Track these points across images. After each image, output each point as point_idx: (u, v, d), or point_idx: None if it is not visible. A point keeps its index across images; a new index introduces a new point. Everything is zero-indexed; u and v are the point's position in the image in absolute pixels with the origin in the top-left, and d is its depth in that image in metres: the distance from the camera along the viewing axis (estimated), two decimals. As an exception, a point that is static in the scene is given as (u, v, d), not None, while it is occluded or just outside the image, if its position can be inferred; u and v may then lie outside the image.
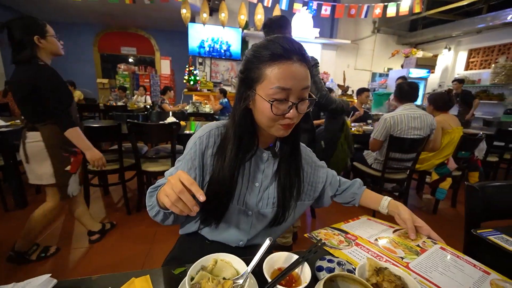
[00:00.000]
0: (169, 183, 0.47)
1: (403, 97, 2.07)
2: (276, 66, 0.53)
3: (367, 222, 0.75)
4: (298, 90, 0.54)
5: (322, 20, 6.24)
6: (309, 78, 0.56)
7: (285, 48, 0.53)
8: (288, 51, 0.53)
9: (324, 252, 0.59)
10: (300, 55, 0.54)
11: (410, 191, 2.89)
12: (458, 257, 0.55)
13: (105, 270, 1.48)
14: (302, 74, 0.54)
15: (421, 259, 0.54)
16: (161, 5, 5.40)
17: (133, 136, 1.94)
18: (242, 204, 0.67)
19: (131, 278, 0.48)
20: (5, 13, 5.79)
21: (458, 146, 2.23)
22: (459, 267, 0.52)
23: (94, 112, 4.93)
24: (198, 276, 0.43)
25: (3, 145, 1.93)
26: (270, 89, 0.53)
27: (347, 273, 0.40)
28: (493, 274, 0.50)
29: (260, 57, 0.55)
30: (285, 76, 0.53)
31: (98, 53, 7.74)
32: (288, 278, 0.48)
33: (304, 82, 0.55)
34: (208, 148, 0.65)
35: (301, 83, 0.54)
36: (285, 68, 0.53)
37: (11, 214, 2.04)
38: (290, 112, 0.55)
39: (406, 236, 0.65)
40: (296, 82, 0.53)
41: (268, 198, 0.69)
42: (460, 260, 0.54)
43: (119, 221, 2.03)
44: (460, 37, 6.27)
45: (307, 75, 0.55)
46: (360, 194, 0.82)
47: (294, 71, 0.53)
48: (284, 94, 0.54)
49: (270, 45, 0.54)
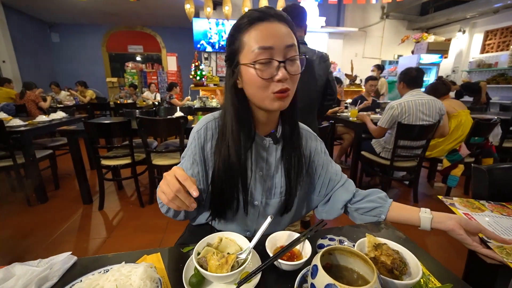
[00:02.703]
0: (165, 180, 0.47)
1: (411, 83, 2.01)
2: (253, 29, 0.51)
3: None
4: (281, 48, 0.51)
5: (328, 9, 6.09)
6: (293, 37, 0.53)
7: (260, 11, 0.52)
8: (264, 12, 0.51)
9: (326, 232, 0.61)
10: (278, 15, 0.52)
11: (421, 179, 2.84)
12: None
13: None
14: (283, 31, 0.51)
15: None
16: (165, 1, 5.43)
17: (142, 131, 1.99)
18: (248, 195, 0.65)
19: (143, 255, 0.52)
20: (17, 16, 5.98)
21: (470, 131, 2.17)
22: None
23: (105, 110, 5.08)
24: (204, 251, 0.46)
25: (23, 143, 2.04)
26: (252, 52, 0.51)
27: (345, 246, 0.42)
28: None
29: (238, 27, 0.53)
30: (263, 36, 0.50)
31: (107, 53, 7.89)
32: (289, 254, 0.51)
33: (287, 39, 0.51)
34: (206, 141, 0.63)
35: (283, 40, 0.51)
36: (263, 28, 0.51)
37: (33, 209, 2.16)
38: (279, 74, 0.51)
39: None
40: (277, 39, 0.50)
41: (275, 187, 0.67)
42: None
43: (133, 214, 2.11)
44: (475, 18, 5.97)
45: (289, 33, 0.52)
46: (389, 204, 0.68)
47: (273, 29, 0.51)
48: (267, 54, 0.50)
49: (246, 14, 0.53)
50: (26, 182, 2.17)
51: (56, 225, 1.90)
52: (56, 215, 2.07)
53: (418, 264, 0.43)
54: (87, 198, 2.22)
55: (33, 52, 6.52)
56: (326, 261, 0.43)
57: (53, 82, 5.08)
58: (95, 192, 2.33)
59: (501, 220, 0.67)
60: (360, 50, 7.05)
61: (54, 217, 2.03)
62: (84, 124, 1.94)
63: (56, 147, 2.75)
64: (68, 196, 2.43)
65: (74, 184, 2.68)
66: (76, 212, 2.11)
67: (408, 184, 2.69)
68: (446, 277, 0.47)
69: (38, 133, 2.43)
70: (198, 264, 0.43)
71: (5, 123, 2.05)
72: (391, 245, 0.48)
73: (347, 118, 2.73)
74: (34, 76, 6.10)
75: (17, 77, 5.72)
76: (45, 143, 2.72)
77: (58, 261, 0.48)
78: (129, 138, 2.05)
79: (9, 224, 1.95)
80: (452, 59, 6.55)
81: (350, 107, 3.08)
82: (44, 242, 1.70)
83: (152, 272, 0.41)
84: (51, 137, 3.17)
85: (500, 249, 0.55)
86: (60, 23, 7.32)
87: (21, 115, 3.48)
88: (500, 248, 0.55)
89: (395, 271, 0.43)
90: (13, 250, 1.63)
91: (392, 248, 0.47)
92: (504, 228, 0.63)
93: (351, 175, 2.72)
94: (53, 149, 2.57)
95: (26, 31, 6.31)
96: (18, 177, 2.16)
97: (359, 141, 2.49)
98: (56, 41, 7.47)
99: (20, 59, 5.86)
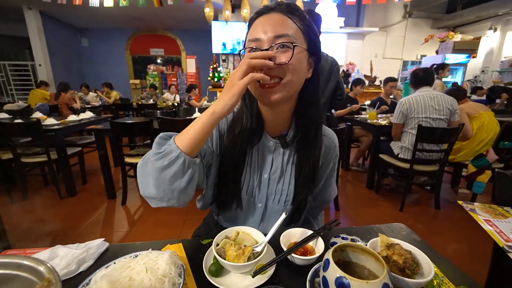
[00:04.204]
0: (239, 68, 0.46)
1: (419, 83, 2.09)
2: (252, 25, 0.53)
3: None
4: (270, 38, 0.49)
5: (347, 9, 5.98)
6: (287, 25, 0.50)
7: (262, 8, 0.53)
8: (264, 8, 0.52)
9: (339, 231, 0.62)
10: (276, 6, 0.52)
11: (444, 185, 2.72)
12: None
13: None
14: (276, 21, 0.50)
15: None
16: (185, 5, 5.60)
17: (164, 130, 2.09)
18: (251, 195, 0.64)
19: (167, 245, 0.57)
20: (51, 23, 6.46)
21: (499, 135, 2.06)
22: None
23: (128, 110, 5.35)
24: (222, 242, 0.50)
25: (57, 141, 2.21)
26: (246, 48, 0.52)
27: (357, 244, 0.44)
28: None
29: (248, 24, 0.55)
30: (254, 29, 0.51)
31: (130, 56, 8.29)
32: (302, 249, 0.53)
33: (278, 29, 0.49)
34: (223, 123, 0.63)
35: (273, 30, 0.49)
36: (258, 22, 0.52)
37: (64, 201, 2.33)
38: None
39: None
40: (266, 29, 0.50)
41: (281, 194, 0.64)
42: None
43: (153, 209, 2.21)
44: (509, 15, 5.58)
45: (282, 22, 0.50)
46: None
47: (264, 21, 0.51)
48: (254, 44, 0.51)
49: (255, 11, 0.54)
50: (58, 177, 2.35)
51: (84, 217, 2.04)
52: (84, 208, 2.22)
53: (431, 265, 0.44)
54: (111, 193, 2.36)
55: (65, 55, 7.01)
56: (338, 257, 0.44)
57: (83, 84, 5.43)
58: (118, 188, 2.47)
59: (525, 227, 0.64)
60: (381, 50, 6.85)
61: (82, 210, 2.18)
62: (110, 123, 2.07)
63: (84, 145, 2.95)
64: (94, 190, 2.59)
65: (99, 179, 2.85)
66: (101, 206, 2.26)
67: (429, 190, 2.59)
68: (461, 280, 0.47)
69: (69, 132, 2.63)
70: (217, 254, 0.46)
71: (41, 122, 2.24)
72: (404, 245, 0.49)
73: (365, 120, 2.68)
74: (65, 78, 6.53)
75: (50, 79, 6.18)
76: (74, 141, 2.93)
77: (94, 245, 0.54)
78: (150, 137, 2.16)
79: (45, 214, 2.12)
80: (481, 58, 6.17)
81: (368, 109, 3.02)
82: (74, 232, 1.84)
83: (176, 258, 0.46)
84: (79, 135, 3.41)
85: None
86: (89, 28, 7.81)
87: (53, 114, 3.76)
88: None
89: (406, 270, 0.44)
90: (48, 235, 1.80)
91: (405, 248, 0.48)
92: (528, 236, 0.61)
93: (368, 178, 2.66)
94: (81, 147, 2.76)
95: (59, 36, 6.80)
96: (51, 172, 2.35)
97: (377, 143, 2.44)
98: (85, 45, 7.97)
99: (54, 63, 6.33)
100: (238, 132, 0.59)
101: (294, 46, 0.49)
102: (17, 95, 7.26)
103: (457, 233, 1.85)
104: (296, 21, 0.51)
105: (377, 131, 2.44)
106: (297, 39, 0.50)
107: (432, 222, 2.06)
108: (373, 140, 2.53)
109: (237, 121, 0.60)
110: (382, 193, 2.54)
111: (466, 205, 0.76)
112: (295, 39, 0.49)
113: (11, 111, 3.28)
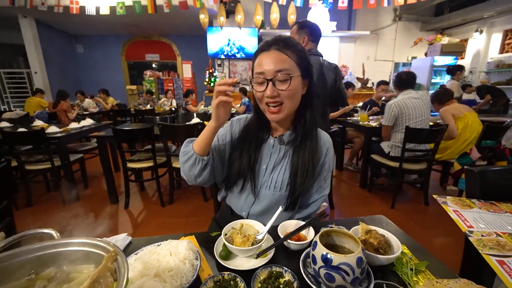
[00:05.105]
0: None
1: (402, 85, 2.24)
2: (257, 58, 0.70)
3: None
4: (271, 72, 0.66)
5: (339, 13, 6.15)
6: (286, 61, 0.66)
7: (266, 42, 0.69)
8: (265, 45, 0.69)
9: (328, 222, 0.72)
10: (277, 44, 0.68)
11: (434, 182, 2.85)
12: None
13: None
14: (276, 59, 0.66)
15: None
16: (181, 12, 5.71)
17: (164, 136, 2.18)
18: (250, 181, 0.78)
19: (181, 237, 0.66)
20: (47, 30, 6.50)
21: (481, 134, 2.19)
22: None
23: (126, 116, 5.40)
24: (229, 232, 0.59)
25: (60, 148, 2.28)
26: (254, 77, 0.70)
27: (340, 229, 0.54)
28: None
29: (254, 55, 0.72)
30: (259, 64, 0.68)
31: (126, 62, 8.34)
32: (297, 237, 0.63)
33: (277, 65, 0.66)
34: (236, 127, 0.83)
35: (273, 66, 0.66)
36: (260, 58, 0.69)
37: (68, 207, 2.40)
38: (267, 91, 0.67)
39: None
40: (268, 66, 0.66)
41: (275, 182, 0.76)
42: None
43: (155, 213, 2.29)
44: (494, 17, 5.81)
45: (283, 60, 0.66)
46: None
47: (266, 58, 0.67)
48: (261, 75, 0.67)
49: (259, 45, 0.72)
50: (62, 183, 2.41)
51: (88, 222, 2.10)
52: (88, 212, 2.29)
53: (399, 245, 0.54)
54: (114, 197, 2.43)
55: (60, 63, 7.04)
56: (325, 241, 0.55)
57: (79, 90, 5.46)
58: (120, 192, 2.54)
59: (485, 215, 0.76)
60: (372, 53, 7.04)
61: (86, 214, 2.25)
62: (112, 130, 2.15)
63: (85, 151, 3.01)
64: (96, 195, 2.66)
65: (100, 185, 2.92)
66: (104, 210, 2.33)
67: (420, 187, 2.72)
68: (425, 257, 0.58)
69: (71, 139, 2.69)
70: (226, 241, 0.56)
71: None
72: (379, 231, 0.59)
73: (357, 122, 2.80)
74: (61, 85, 6.57)
75: (46, 87, 6.20)
76: (76, 148, 2.99)
77: (119, 239, 0.63)
78: (152, 142, 2.24)
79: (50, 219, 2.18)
80: (469, 60, 6.39)
81: (360, 111, 3.15)
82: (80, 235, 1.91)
83: (192, 245, 0.55)
84: (79, 142, 3.46)
85: (478, 241, 0.64)
86: (84, 35, 7.85)
87: (52, 122, 3.81)
88: (478, 241, 0.65)
89: (380, 250, 0.54)
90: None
91: (380, 233, 0.59)
92: (487, 222, 0.72)
93: (361, 178, 2.79)
94: (83, 153, 2.82)
95: (55, 43, 6.83)
96: (55, 178, 2.41)
97: (369, 144, 2.56)
98: (80, 52, 8.01)
99: (50, 70, 6.35)
100: (248, 133, 0.79)
101: (291, 77, 0.66)
102: (12, 103, 7.25)
103: (443, 227, 1.97)
104: (291, 55, 0.68)
105: (369, 133, 2.56)
106: (292, 70, 0.67)
107: (420, 218, 2.19)
108: (365, 141, 2.65)
109: (249, 126, 0.81)
110: (375, 192, 2.66)
111: (439, 198, 0.87)
112: (291, 71, 0.67)
113: (11, 120, 3.33)
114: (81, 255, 0.35)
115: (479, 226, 0.70)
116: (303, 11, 5.79)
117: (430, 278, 0.52)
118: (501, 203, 0.85)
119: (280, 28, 5.66)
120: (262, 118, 0.77)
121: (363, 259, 0.46)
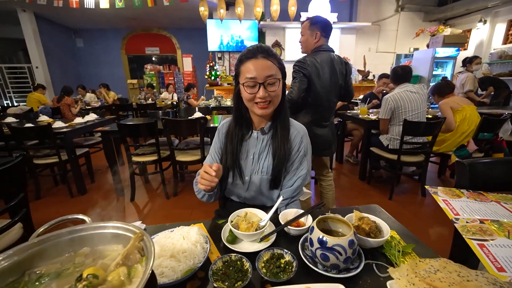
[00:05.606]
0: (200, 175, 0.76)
1: (398, 80, 2.27)
2: (246, 64, 0.78)
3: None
4: (262, 77, 0.76)
5: (340, 4, 6.08)
6: (272, 67, 0.77)
7: (251, 51, 0.78)
8: (252, 52, 0.77)
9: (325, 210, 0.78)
10: (263, 52, 0.77)
11: (432, 174, 2.91)
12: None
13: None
14: (264, 65, 0.76)
15: None
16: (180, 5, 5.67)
17: (167, 131, 2.23)
18: (242, 171, 0.90)
19: (191, 224, 0.72)
20: (47, 25, 6.47)
21: (478, 127, 2.23)
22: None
23: (127, 110, 5.44)
24: (235, 220, 0.66)
25: (66, 143, 2.35)
26: (244, 79, 0.78)
27: (334, 215, 0.60)
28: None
29: (240, 59, 0.81)
30: (249, 69, 0.77)
31: (126, 55, 8.32)
32: (296, 224, 0.69)
33: (266, 72, 0.76)
34: (223, 132, 0.94)
35: (263, 72, 0.76)
36: (250, 64, 0.77)
37: (76, 199, 2.48)
38: (260, 92, 0.77)
39: None
40: (258, 72, 0.76)
41: (261, 168, 0.89)
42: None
43: (160, 205, 2.37)
44: (498, 7, 5.71)
45: (270, 66, 0.77)
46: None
47: (256, 64, 0.76)
48: (253, 80, 0.77)
49: (244, 52, 0.80)
50: (69, 177, 2.49)
51: (96, 213, 2.19)
52: (95, 205, 2.37)
53: (389, 230, 0.60)
54: (120, 190, 2.51)
55: (60, 57, 7.04)
56: (321, 226, 0.60)
57: (80, 85, 5.48)
58: (125, 185, 2.62)
59: (472, 204, 0.81)
60: (374, 44, 6.97)
61: (94, 207, 2.33)
62: (117, 125, 2.20)
63: (90, 146, 3.08)
64: (103, 188, 2.74)
65: (106, 178, 3.00)
66: (111, 202, 2.41)
67: (418, 179, 2.78)
68: (412, 242, 0.64)
69: (77, 134, 2.75)
70: (233, 227, 0.62)
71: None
72: (371, 217, 0.65)
73: (357, 115, 2.84)
74: (62, 80, 6.61)
75: (48, 81, 6.23)
76: (81, 142, 3.05)
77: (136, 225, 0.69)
78: (156, 137, 2.30)
79: (59, 212, 2.27)
80: (472, 51, 6.33)
81: (360, 104, 3.18)
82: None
83: (202, 231, 0.61)
84: (84, 137, 3.53)
85: (463, 227, 0.70)
86: (83, 29, 7.80)
87: (55, 117, 3.86)
88: (462, 227, 0.70)
89: (371, 234, 0.60)
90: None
91: (372, 219, 0.65)
92: (472, 210, 0.77)
93: (360, 170, 2.85)
94: (88, 147, 2.89)
95: (55, 38, 6.81)
96: (62, 172, 2.48)
97: (368, 137, 2.61)
98: (80, 46, 7.98)
99: (50, 65, 6.36)
100: (231, 131, 0.90)
101: (278, 80, 0.79)
102: (15, 98, 7.29)
103: (438, 217, 2.04)
104: (274, 61, 0.79)
105: (368, 126, 2.61)
106: (277, 74, 0.79)
107: (416, 208, 2.25)
108: (364, 134, 2.70)
109: (232, 125, 0.91)
110: (374, 184, 2.72)
111: (430, 188, 0.92)
112: (277, 75, 0.79)
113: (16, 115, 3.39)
114: (111, 236, 0.41)
115: (464, 214, 0.76)
116: (304, 3, 5.72)
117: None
118: (488, 193, 0.91)
119: (280, 20, 5.61)
120: (243, 116, 0.89)
121: (354, 241, 0.52)
